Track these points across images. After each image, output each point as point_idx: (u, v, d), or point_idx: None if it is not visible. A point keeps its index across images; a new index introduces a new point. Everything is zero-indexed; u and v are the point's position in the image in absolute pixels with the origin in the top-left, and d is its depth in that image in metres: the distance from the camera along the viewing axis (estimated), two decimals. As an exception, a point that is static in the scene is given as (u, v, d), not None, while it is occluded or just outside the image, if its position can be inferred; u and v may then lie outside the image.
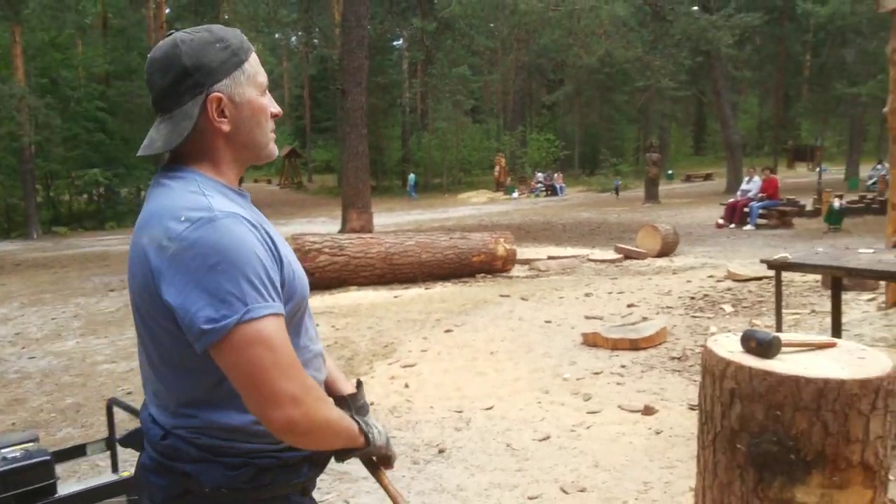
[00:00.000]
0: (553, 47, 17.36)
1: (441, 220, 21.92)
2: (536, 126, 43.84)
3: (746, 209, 15.57)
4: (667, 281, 8.67)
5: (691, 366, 4.90)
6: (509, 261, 10.54)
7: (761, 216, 15.41)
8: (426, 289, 9.18)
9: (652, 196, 24.72)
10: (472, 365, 5.32)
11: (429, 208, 28.80)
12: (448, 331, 6.34)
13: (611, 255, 11.71)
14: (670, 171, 36.87)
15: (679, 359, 5.06)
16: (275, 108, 1.44)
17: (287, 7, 20.06)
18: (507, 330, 6.22)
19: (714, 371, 2.39)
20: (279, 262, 1.31)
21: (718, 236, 14.57)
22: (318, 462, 1.43)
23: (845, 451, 2.18)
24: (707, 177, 35.54)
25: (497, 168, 36.11)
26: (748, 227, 15.31)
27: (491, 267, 10.41)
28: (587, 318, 6.56)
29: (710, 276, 8.68)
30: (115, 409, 2.91)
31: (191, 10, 27.21)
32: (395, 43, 38.51)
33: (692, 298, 7.36)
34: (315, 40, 30.89)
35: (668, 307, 7.01)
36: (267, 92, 1.43)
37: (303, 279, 1.41)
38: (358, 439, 1.43)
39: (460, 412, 4.35)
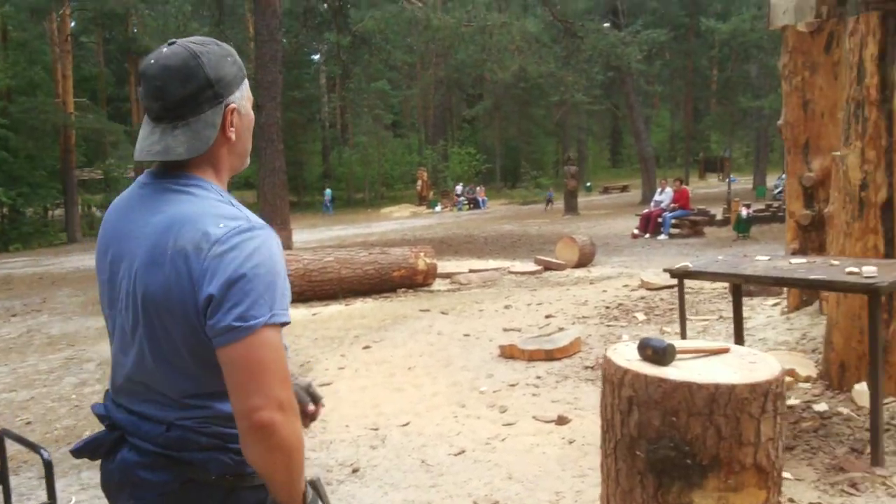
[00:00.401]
0: (468, 63, 17.56)
1: (364, 236, 21.76)
2: (458, 140, 44.27)
3: (660, 219, 16.08)
4: (584, 291, 8.84)
5: (604, 374, 4.99)
6: (430, 275, 10.53)
7: (674, 226, 15.94)
8: (346, 305, 9.08)
9: (571, 208, 25.26)
10: (389, 381, 5.27)
11: (352, 223, 28.55)
12: (367, 347, 6.27)
13: (531, 266, 11.87)
14: (589, 184, 37.81)
15: (592, 368, 5.15)
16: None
17: (199, 20, 19.60)
18: (426, 345, 6.20)
19: (613, 380, 2.43)
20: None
21: (634, 246, 15.00)
22: None
23: (738, 454, 2.24)
24: (624, 188, 36.61)
25: (419, 182, 36.19)
26: (662, 236, 15.81)
27: (412, 281, 10.38)
28: (505, 330, 6.61)
29: (625, 286, 8.91)
30: (9, 442, 2.73)
31: (97, 24, 26.26)
32: (313, 57, 38.23)
33: (607, 308, 7.53)
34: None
35: (584, 317, 7.14)
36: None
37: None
38: (299, 494, 1.38)
39: (376, 430, 4.30)
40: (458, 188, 34.96)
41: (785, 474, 3.36)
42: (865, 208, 4.01)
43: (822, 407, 4.03)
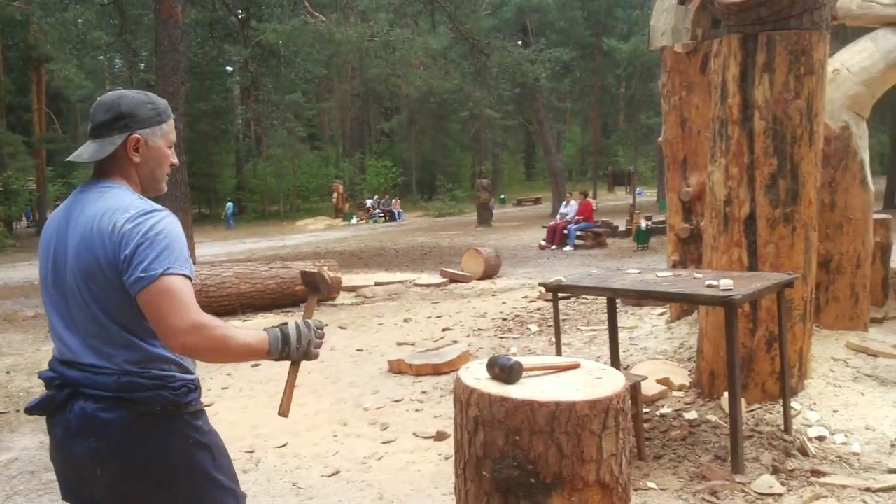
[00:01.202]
0: (375, 77, 17.48)
1: (277, 249, 21.34)
2: (375, 153, 44.15)
3: (565, 231, 16.42)
4: (484, 303, 8.89)
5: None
6: (333, 289, 10.38)
7: (579, 237, 16.31)
8: (244, 321, 8.83)
9: (484, 220, 25.51)
10: (273, 400, 5.10)
11: (265, 236, 27.97)
12: (255, 365, 6.09)
13: (437, 279, 11.87)
14: (503, 196, 38.33)
15: (480, 382, 5.15)
16: (174, 160, 2.02)
17: (104, 29, 18.78)
18: (317, 361, 6.04)
19: (461, 399, 2.40)
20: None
21: (540, 257, 15.25)
22: (195, 384, 1.90)
23: (581, 471, 2.24)
24: (536, 201, 37.27)
25: (335, 195, 35.83)
26: (567, 248, 16.14)
27: (315, 296, 10.18)
28: (399, 344, 6.56)
29: (525, 297, 9.01)
30: None
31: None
32: (228, 69, 37.34)
33: (504, 320, 7.59)
34: (141, 64, 29.23)
35: (480, 329, 7.16)
36: (172, 147, 2.00)
37: (191, 264, 1.86)
38: (260, 353, 1.83)
39: (251, 452, 4.15)
40: (369, 201, 34.82)
41: (650, 484, 3.43)
42: (730, 223, 4.16)
43: (692, 415, 4.14)
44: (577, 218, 16.55)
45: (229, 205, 34.27)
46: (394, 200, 34.95)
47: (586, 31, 29.96)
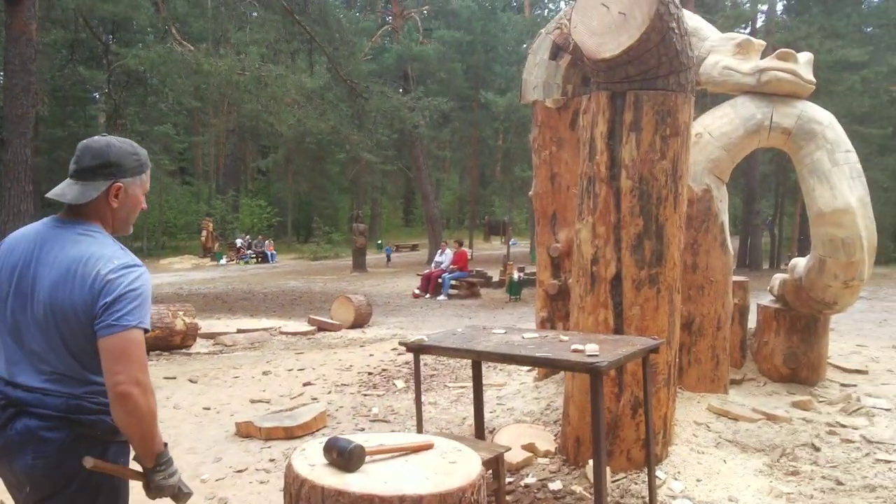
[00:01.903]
0: (248, 113, 16.88)
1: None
2: (251, 191, 42.77)
3: (440, 280, 16.31)
4: (351, 355, 8.48)
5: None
6: (189, 336, 9.61)
7: (453, 286, 16.23)
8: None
9: (359, 265, 25.07)
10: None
11: (123, 275, 26.14)
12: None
13: (304, 326, 11.33)
14: (380, 241, 38.02)
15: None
16: (144, 206, 2.18)
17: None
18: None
19: (291, 490, 2.03)
20: None
21: (413, 306, 15.00)
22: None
23: (426, 577, 1.92)
24: (414, 247, 37.28)
25: (204, 233, 34.26)
26: (441, 297, 16.01)
27: (168, 343, 9.39)
28: (253, 402, 6.03)
29: (394, 349, 8.66)
30: None
31: None
32: (95, 95, 35.18)
33: (370, 374, 7.20)
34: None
35: (343, 385, 6.75)
36: (146, 195, 2.18)
37: None
38: (154, 448, 1.98)
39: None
40: (239, 241, 33.54)
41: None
42: (596, 282, 4.04)
43: (556, 485, 3.92)
44: (451, 267, 16.50)
45: None
46: (267, 242, 33.84)
47: (465, 82, 30.59)
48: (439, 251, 17.66)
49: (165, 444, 2.04)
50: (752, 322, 6.30)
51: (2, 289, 2.03)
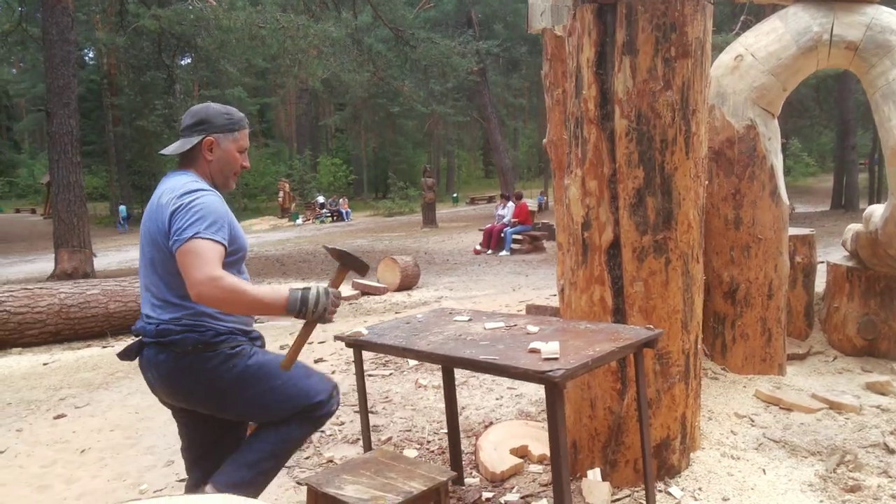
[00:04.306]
0: (283, 69, 16.30)
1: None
2: (331, 150, 42.70)
3: (502, 235, 15.48)
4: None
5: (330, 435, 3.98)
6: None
7: (515, 241, 15.37)
8: (104, 347, 7.70)
9: (430, 220, 24.51)
10: (46, 472, 4.04)
11: (203, 238, 26.65)
12: (59, 417, 5.00)
13: (348, 291, 10.82)
14: (455, 195, 37.30)
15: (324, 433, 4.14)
16: (245, 163, 2.57)
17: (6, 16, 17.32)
18: (132, 412, 5.00)
19: None
20: (231, 225, 2.35)
21: (472, 264, 14.27)
22: (244, 332, 2.47)
23: None
24: (490, 199, 36.35)
25: (281, 194, 34.50)
26: (504, 252, 15.20)
27: (202, 314, 9.09)
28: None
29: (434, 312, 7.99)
30: None
31: None
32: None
33: (388, 348, 6.56)
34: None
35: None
36: (245, 152, 2.57)
37: (243, 238, 2.47)
38: (275, 309, 2.23)
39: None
40: (320, 199, 33.56)
41: None
42: (589, 252, 3.18)
43: (541, 506, 3.16)
44: (513, 220, 15.61)
45: (122, 207, 32.58)
46: (341, 200, 33.74)
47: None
48: (500, 205, 16.77)
49: (291, 290, 2.26)
50: (822, 284, 5.26)
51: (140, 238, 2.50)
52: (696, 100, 3.03)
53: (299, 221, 31.87)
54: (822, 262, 5.22)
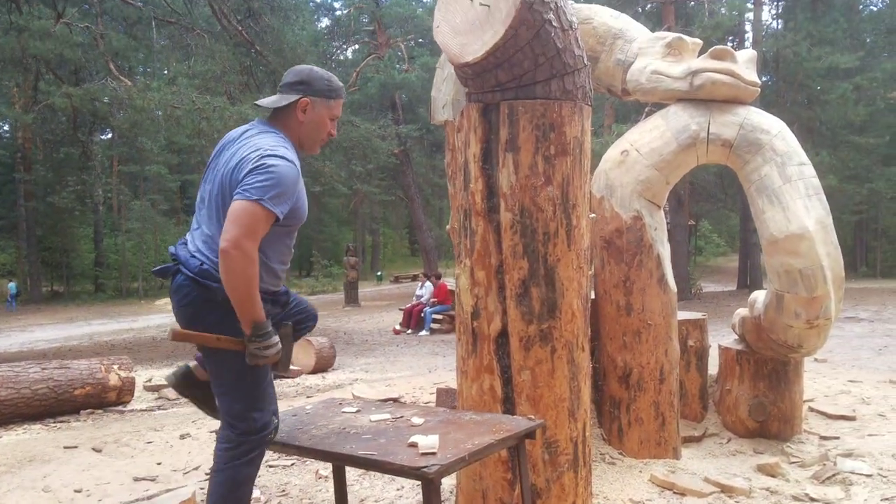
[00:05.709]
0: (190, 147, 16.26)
1: (124, 331, 19.46)
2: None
3: (422, 314, 15.49)
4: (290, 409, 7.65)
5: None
6: (126, 391, 8.85)
7: (435, 321, 15.40)
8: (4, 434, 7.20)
9: (352, 299, 24.33)
10: None
11: (117, 317, 25.76)
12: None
13: (260, 374, 10.52)
14: (380, 273, 37.30)
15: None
16: (333, 131, 2.74)
17: None
18: (8, 511, 4.65)
19: None
20: (297, 198, 2.52)
21: (391, 344, 14.17)
22: (272, 294, 2.66)
23: None
24: (415, 277, 36.46)
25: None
26: (423, 332, 15.18)
27: (101, 400, 8.63)
28: (136, 480, 5.21)
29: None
30: None
31: None
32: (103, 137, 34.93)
33: (294, 435, 6.37)
34: None
35: (258, 451, 5.91)
36: (335, 120, 2.73)
37: (303, 211, 2.62)
38: (247, 314, 2.38)
39: None
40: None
41: None
42: (479, 342, 3.23)
43: None
44: (432, 300, 15.67)
45: (11, 285, 30.16)
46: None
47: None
48: (419, 284, 16.85)
49: (268, 318, 2.45)
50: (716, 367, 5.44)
51: (208, 164, 2.64)
52: (577, 195, 3.18)
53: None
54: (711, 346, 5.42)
